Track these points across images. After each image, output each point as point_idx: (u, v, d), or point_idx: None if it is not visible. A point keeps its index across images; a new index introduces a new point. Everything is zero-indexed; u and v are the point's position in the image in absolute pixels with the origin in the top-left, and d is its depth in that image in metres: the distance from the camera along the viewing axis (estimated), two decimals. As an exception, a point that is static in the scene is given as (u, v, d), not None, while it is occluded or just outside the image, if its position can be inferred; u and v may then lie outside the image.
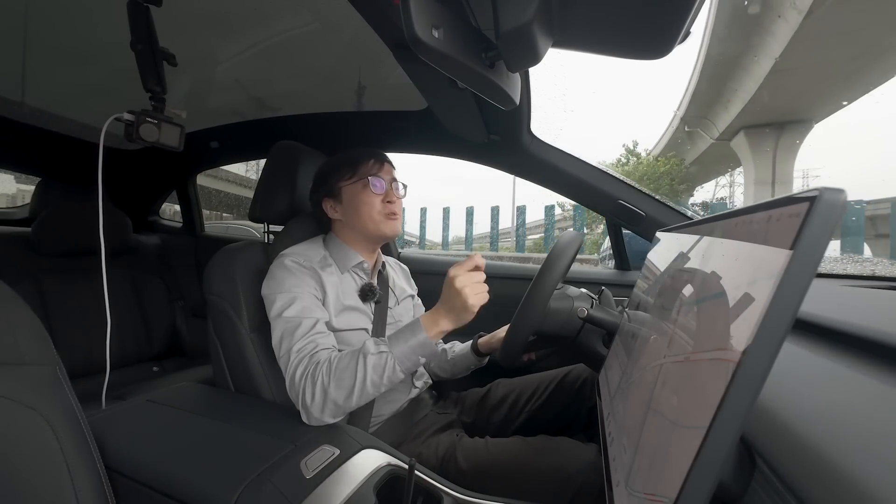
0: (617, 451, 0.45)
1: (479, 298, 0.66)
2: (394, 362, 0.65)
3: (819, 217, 0.21)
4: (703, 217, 0.59)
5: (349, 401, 0.64)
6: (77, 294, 1.38)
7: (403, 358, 0.66)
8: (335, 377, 0.64)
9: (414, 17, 0.38)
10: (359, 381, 0.64)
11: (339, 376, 0.64)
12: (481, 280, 0.68)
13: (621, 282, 1.20)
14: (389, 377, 0.65)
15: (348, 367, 0.65)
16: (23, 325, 0.53)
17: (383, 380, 0.65)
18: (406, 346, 0.66)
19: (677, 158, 16.97)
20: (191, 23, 0.91)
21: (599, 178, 1.11)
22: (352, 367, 0.65)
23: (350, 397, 0.64)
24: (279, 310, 0.73)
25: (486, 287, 0.69)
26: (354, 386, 0.64)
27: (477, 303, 0.66)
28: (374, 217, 0.83)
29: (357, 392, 0.64)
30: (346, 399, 0.64)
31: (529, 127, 1.06)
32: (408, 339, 0.67)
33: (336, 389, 0.64)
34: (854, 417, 0.27)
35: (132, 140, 0.75)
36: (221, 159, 1.76)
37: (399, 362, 0.65)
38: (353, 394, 0.64)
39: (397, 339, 0.67)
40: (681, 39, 0.42)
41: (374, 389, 0.65)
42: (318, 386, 0.64)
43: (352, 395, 0.64)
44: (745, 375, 0.22)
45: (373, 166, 0.85)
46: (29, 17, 0.89)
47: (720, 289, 0.31)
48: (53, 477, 0.47)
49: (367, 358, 0.65)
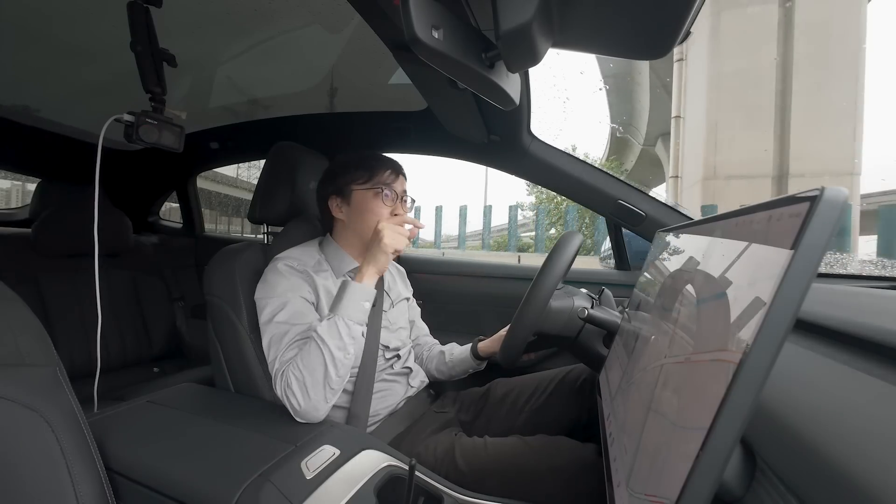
0: (618, 451, 0.45)
1: (394, 241, 0.72)
2: (342, 320, 0.68)
3: (820, 217, 0.21)
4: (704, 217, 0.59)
5: (328, 377, 0.66)
6: (77, 295, 1.38)
7: (349, 312, 0.69)
8: (305, 366, 0.67)
9: (414, 18, 0.38)
10: (325, 355, 0.66)
11: (307, 363, 0.67)
12: (402, 229, 0.74)
13: (621, 282, 1.20)
14: (348, 333, 0.68)
15: (311, 350, 0.68)
16: (23, 326, 0.53)
17: (344, 339, 0.68)
18: (344, 300, 0.70)
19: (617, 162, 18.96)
20: (191, 23, 0.91)
21: (599, 178, 1.11)
22: (313, 348, 0.67)
23: (327, 373, 0.66)
24: (269, 315, 0.74)
25: (407, 233, 0.75)
26: (325, 362, 0.66)
27: (391, 243, 0.72)
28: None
29: (330, 365, 0.66)
30: (324, 377, 0.66)
31: (529, 127, 1.06)
32: (342, 295, 0.71)
33: (310, 375, 0.66)
34: (855, 418, 0.27)
35: (132, 141, 0.75)
36: (221, 160, 1.76)
37: (347, 317, 0.69)
38: (328, 369, 0.66)
39: (335, 301, 0.71)
40: (681, 39, 0.42)
41: (343, 353, 0.68)
42: (294, 383, 0.66)
43: (327, 371, 0.66)
44: (746, 376, 0.22)
45: (388, 176, 0.84)
46: (29, 18, 0.89)
47: (721, 289, 0.31)
48: (54, 478, 0.47)
49: (319, 331, 0.68)
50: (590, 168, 1.11)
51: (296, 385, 0.66)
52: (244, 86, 1.22)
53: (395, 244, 0.72)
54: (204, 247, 1.87)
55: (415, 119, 1.16)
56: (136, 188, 1.85)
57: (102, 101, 1.24)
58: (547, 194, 15.40)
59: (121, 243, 1.51)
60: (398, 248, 0.73)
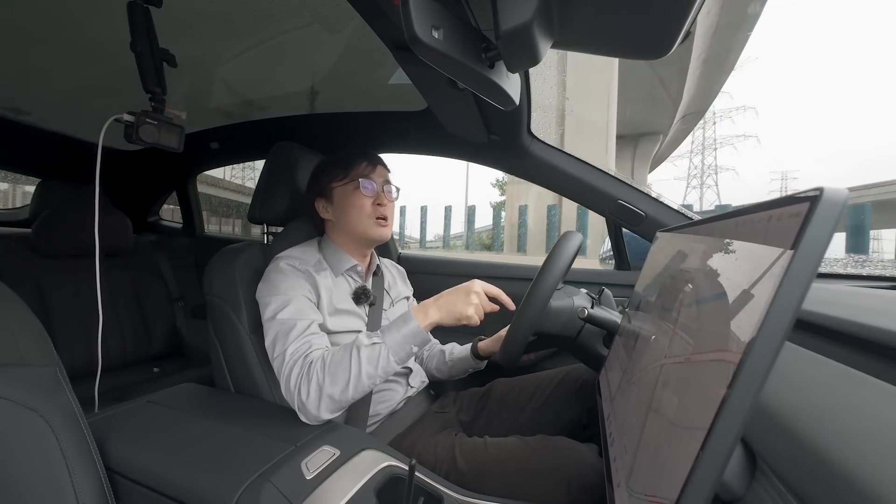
0: (618, 451, 0.45)
1: (475, 312, 0.70)
2: (387, 352, 0.67)
3: (820, 216, 0.21)
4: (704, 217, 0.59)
5: (345, 394, 0.65)
6: (77, 295, 1.38)
7: (396, 348, 0.67)
8: (329, 372, 0.65)
9: (414, 18, 0.38)
10: (353, 373, 0.65)
11: (333, 371, 0.65)
12: (489, 305, 0.73)
13: (621, 282, 1.20)
14: (384, 367, 0.66)
15: (342, 361, 0.66)
16: (23, 326, 0.53)
17: (378, 370, 0.66)
18: (399, 334, 0.68)
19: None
20: (191, 23, 0.91)
21: (599, 178, 1.11)
22: (346, 360, 0.66)
23: (346, 391, 0.65)
24: (273, 312, 0.73)
25: (487, 310, 0.73)
26: (350, 379, 0.65)
27: (472, 314, 0.70)
28: (363, 219, 0.83)
29: (353, 385, 0.65)
30: (342, 392, 0.65)
31: (529, 127, 1.06)
32: (400, 329, 0.68)
33: (331, 385, 0.65)
34: (855, 418, 0.27)
35: (132, 141, 0.75)
36: (221, 160, 1.76)
37: (392, 352, 0.67)
38: (349, 387, 0.65)
39: (389, 329, 0.69)
40: (681, 39, 0.42)
41: (370, 381, 0.66)
42: (312, 383, 0.65)
43: (347, 388, 0.65)
44: (745, 376, 0.22)
45: (365, 168, 0.85)
46: (29, 19, 0.89)
47: (721, 289, 0.31)
48: (54, 478, 0.47)
49: (361, 350, 0.66)
50: (590, 168, 1.11)
51: (314, 385, 0.65)
52: (244, 86, 1.22)
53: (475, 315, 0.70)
54: (204, 247, 1.87)
55: (415, 119, 1.16)
56: (136, 188, 1.85)
57: (102, 101, 1.24)
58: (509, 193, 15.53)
59: (121, 243, 1.51)
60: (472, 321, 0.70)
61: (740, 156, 42.74)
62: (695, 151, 28.18)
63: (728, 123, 27.77)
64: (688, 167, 28.65)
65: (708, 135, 27.58)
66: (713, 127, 27.66)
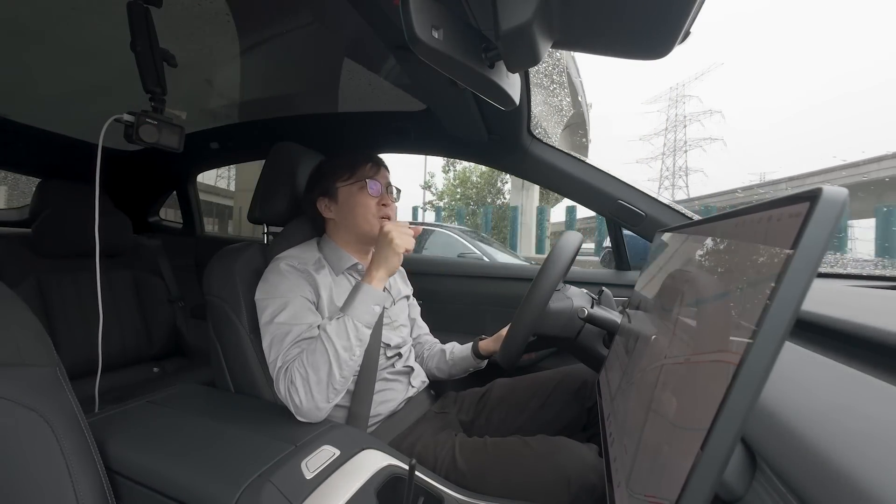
0: (618, 451, 0.45)
1: (403, 240, 0.73)
2: (352, 321, 0.69)
3: (820, 216, 0.21)
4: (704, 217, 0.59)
5: (332, 375, 0.66)
6: (77, 295, 1.38)
7: (359, 313, 0.70)
8: (309, 363, 0.67)
9: (414, 18, 0.38)
10: (331, 353, 0.67)
11: (311, 361, 0.67)
12: (407, 230, 0.76)
13: (621, 282, 1.20)
14: (355, 335, 0.69)
15: (317, 349, 0.68)
16: (23, 326, 0.53)
17: (351, 340, 0.68)
18: (356, 301, 0.71)
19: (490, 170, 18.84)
20: (191, 23, 0.91)
21: (599, 178, 1.10)
22: (319, 346, 0.68)
23: (332, 372, 0.66)
24: (270, 316, 0.74)
25: (412, 233, 0.76)
26: (329, 360, 0.67)
27: (402, 243, 0.73)
28: (368, 219, 0.84)
29: (335, 363, 0.67)
30: (328, 375, 0.66)
31: (529, 127, 1.06)
32: (354, 297, 0.71)
33: (314, 373, 0.66)
34: (855, 418, 0.27)
35: (132, 141, 0.75)
36: (221, 160, 1.77)
37: (356, 318, 0.69)
38: (332, 368, 0.66)
39: (346, 303, 0.72)
40: (681, 39, 0.42)
41: (348, 353, 0.68)
42: (298, 381, 0.66)
43: (332, 369, 0.66)
44: (745, 376, 0.22)
45: (370, 169, 0.86)
46: (29, 19, 0.89)
47: (721, 289, 0.31)
48: (54, 478, 0.47)
49: (328, 329, 0.68)
50: (590, 168, 1.11)
51: (300, 382, 0.66)
52: (244, 86, 1.22)
53: (405, 244, 0.73)
54: (204, 247, 1.87)
55: (415, 119, 1.16)
56: (137, 188, 1.85)
57: (102, 101, 1.24)
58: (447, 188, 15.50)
59: (121, 243, 1.51)
60: (408, 248, 0.74)
61: (709, 157, 42.99)
62: (666, 154, 28.56)
63: (697, 126, 28.21)
64: (660, 169, 29.08)
65: (679, 137, 28.01)
66: (683, 130, 28.10)
